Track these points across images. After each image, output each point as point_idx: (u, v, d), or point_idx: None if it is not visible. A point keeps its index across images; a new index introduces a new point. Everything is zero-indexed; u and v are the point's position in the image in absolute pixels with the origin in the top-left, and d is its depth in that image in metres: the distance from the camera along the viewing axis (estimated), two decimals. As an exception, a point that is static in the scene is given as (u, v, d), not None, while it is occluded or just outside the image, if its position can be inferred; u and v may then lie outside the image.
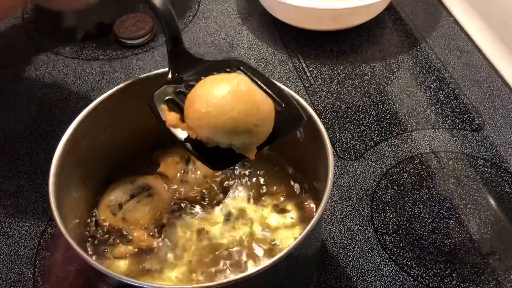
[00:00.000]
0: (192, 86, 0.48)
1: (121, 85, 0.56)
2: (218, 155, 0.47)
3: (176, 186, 0.59)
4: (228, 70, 0.52)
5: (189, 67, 0.53)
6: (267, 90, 0.50)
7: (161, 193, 0.58)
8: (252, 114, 0.45)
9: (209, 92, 0.46)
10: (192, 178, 0.59)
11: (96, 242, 0.56)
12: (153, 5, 0.53)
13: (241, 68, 0.52)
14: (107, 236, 0.56)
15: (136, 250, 0.55)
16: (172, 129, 0.48)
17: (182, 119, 0.48)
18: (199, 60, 0.54)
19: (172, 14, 0.53)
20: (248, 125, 0.45)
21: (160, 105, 0.50)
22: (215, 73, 0.50)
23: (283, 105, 0.50)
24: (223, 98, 0.45)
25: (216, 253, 0.54)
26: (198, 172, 0.59)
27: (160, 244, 0.55)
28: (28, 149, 0.73)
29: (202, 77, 0.49)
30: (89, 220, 0.57)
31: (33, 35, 0.89)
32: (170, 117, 0.48)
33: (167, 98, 0.50)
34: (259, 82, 0.51)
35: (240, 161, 0.48)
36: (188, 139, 0.48)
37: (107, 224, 0.57)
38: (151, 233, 0.56)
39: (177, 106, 0.50)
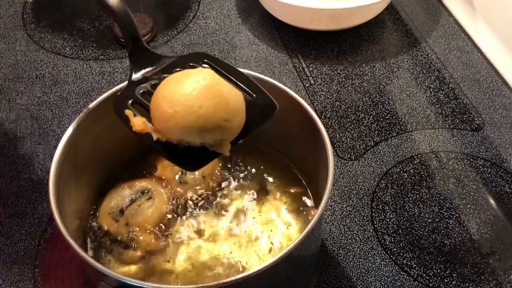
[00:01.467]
0: (157, 85, 0.46)
1: (121, 85, 0.56)
2: (191, 154, 0.45)
3: (175, 188, 0.59)
4: (192, 64, 0.49)
5: (152, 64, 0.50)
6: (236, 81, 0.48)
7: (161, 195, 0.58)
8: (221, 109, 0.43)
9: (174, 91, 0.44)
10: (190, 179, 0.59)
11: (100, 249, 0.56)
12: (106, 4, 0.48)
13: (205, 60, 0.49)
14: (109, 242, 0.56)
15: (143, 253, 0.55)
16: (147, 134, 0.45)
17: (151, 121, 0.45)
18: (161, 57, 0.51)
19: (128, 13, 0.49)
20: (218, 121, 0.43)
21: (126, 109, 0.47)
22: (178, 69, 0.48)
23: (254, 95, 0.47)
24: (189, 96, 0.43)
25: (218, 252, 0.54)
26: (196, 173, 0.59)
27: (165, 245, 0.55)
28: (28, 149, 0.73)
29: (167, 75, 0.47)
30: (89, 224, 0.57)
31: (33, 35, 0.89)
32: (136, 121, 0.45)
33: (131, 101, 0.48)
34: (226, 74, 0.48)
35: (214, 158, 0.46)
36: (159, 141, 0.45)
37: (110, 230, 0.56)
38: (156, 235, 0.56)
39: (144, 107, 0.47)
